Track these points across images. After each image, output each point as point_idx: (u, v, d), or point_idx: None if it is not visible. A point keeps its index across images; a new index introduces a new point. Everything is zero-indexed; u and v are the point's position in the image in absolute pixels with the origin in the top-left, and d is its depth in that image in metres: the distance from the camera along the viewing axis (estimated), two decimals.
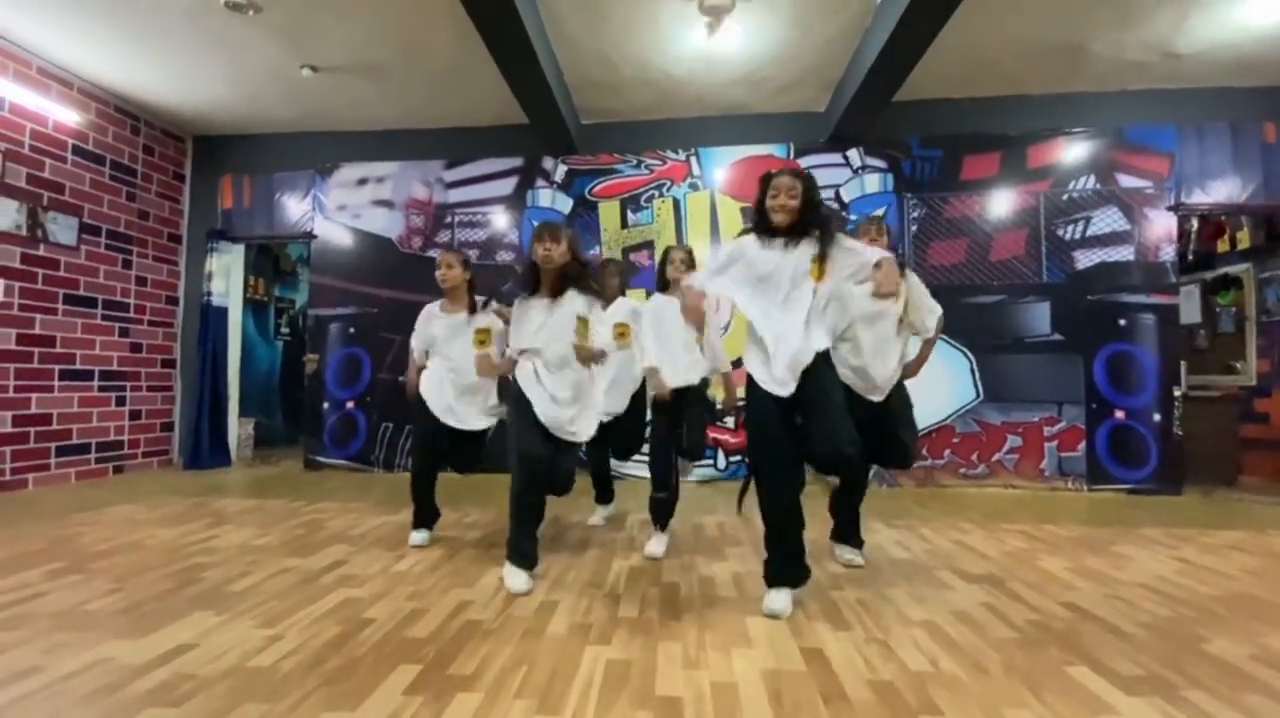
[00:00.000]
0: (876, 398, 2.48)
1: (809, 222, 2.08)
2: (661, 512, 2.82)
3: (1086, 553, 2.88)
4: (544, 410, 2.40)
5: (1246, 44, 4.07)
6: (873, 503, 4.10)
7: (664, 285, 2.95)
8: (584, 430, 2.50)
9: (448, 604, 2.17)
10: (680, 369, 2.77)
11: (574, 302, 2.44)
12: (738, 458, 4.84)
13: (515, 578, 2.31)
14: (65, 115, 4.51)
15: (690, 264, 2.90)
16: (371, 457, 5.17)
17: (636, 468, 4.94)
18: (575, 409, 2.46)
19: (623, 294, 3.28)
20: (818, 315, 2.06)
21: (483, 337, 2.84)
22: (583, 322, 2.41)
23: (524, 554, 2.36)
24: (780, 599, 2.06)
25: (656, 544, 2.78)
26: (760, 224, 2.15)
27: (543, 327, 2.44)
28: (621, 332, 3.00)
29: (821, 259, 2.05)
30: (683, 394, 2.76)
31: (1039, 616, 2.09)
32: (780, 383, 2.02)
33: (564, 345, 2.42)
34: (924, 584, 2.40)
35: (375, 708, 1.49)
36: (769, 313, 2.09)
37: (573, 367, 2.45)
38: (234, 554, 2.79)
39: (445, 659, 1.75)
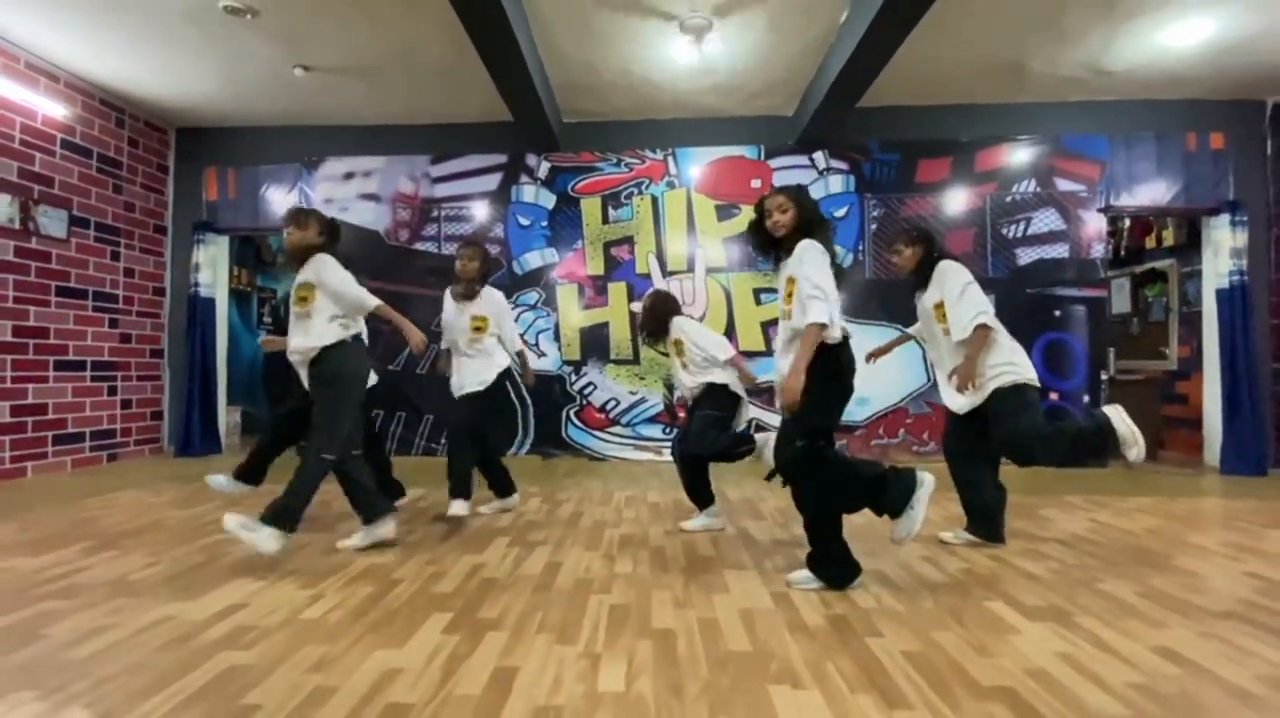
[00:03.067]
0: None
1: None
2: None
3: (1015, 517, 3.29)
4: None
5: (1169, 63, 4.52)
6: None
7: None
8: None
9: (463, 567, 2.47)
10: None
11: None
12: None
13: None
14: (53, 109, 4.58)
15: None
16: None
17: (617, 448, 5.27)
18: None
19: (483, 282, 3.25)
20: None
21: None
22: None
23: None
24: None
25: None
26: None
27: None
28: (478, 325, 3.18)
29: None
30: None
31: (968, 565, 2.50)
32: None
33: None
34: (875, 542, 2.78)
35: (421, 645, 1.79)
36: None
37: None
38: None
39: (471, 608, 2.05)
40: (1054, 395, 4.99)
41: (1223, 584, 2.32)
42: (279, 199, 5.63)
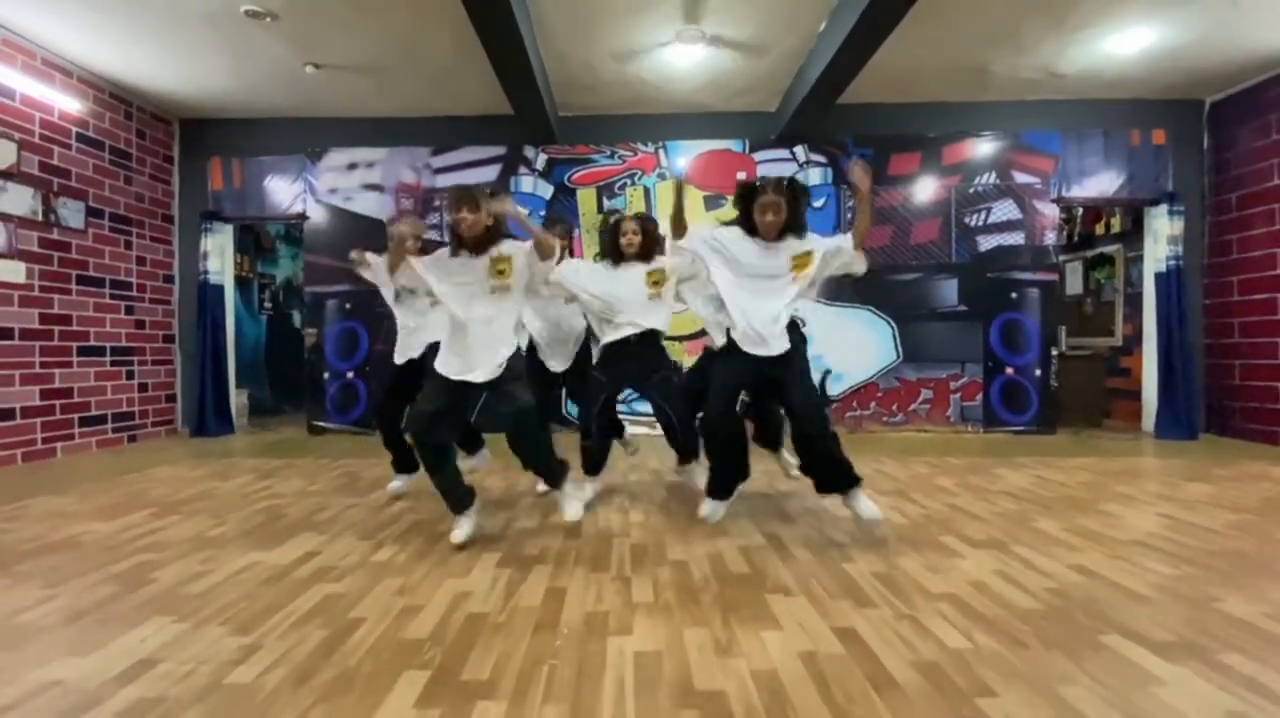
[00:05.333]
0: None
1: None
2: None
3: (972, 475, 3.78)
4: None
5: (1115, 67, 4.97)
6: None
7: (617, 257, 3.01)
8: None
9: (499, 520, 2.84)
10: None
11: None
12: None
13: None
14: (68, 104, 4.74)
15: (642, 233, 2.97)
16: (373, 422, 5.66)
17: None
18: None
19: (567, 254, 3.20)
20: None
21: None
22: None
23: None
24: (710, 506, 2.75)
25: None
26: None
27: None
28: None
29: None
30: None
31: (927, 511, 2.95)
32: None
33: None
34: None
35: (481, 574, 2.17)
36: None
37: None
38: (298, 498, 3.34)
39: (516, 549, 2.44)
40: (1009, 370, 5.50)
41: (1136, 522, 2.81)
42: (283, 189, 5.84)
